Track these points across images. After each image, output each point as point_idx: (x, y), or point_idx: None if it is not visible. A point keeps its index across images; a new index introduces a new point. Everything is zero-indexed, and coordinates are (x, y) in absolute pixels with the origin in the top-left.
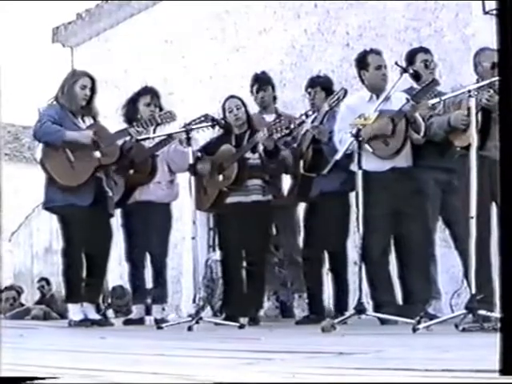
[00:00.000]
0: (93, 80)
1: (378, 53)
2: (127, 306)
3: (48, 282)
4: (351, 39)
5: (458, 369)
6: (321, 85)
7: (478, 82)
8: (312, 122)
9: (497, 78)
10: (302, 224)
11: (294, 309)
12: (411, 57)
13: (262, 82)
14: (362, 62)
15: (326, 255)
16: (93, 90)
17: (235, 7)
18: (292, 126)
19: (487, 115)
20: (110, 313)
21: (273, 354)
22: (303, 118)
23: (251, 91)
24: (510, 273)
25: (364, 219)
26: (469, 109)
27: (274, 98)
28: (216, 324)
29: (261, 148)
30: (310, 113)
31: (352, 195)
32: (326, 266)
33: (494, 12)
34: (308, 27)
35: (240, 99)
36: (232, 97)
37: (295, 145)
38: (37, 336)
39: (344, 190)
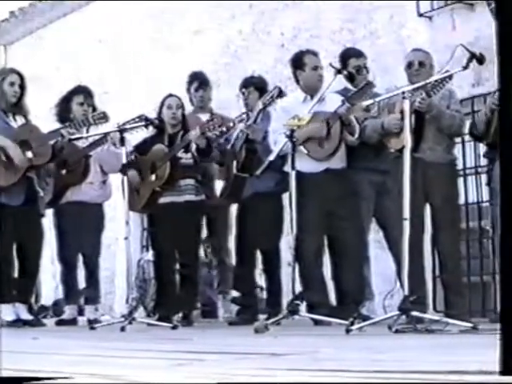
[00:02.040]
0: (21, 77)
1: (314, 53)
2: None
3: None
4: (286, 40)
5: (390, 370)
6: (254, 85)
7: (411, 83)
8: (246, 121)
9: (430, 80)
10: (234, 224)
11: (219, 309)
12: (345, 58)
13: (202, 80)
14: (298, 62)
15: (260, 256)
16: (22, 86)
17: (170, 7)
18: (224, 125)
19: (420, 117)
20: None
21: (205, 355)
22: (238, 120)
23: (188, 89)
24: (510, 273)
25: (298, 220)
26: (402, 111)
27: (210, 99)
28: (149, 325)
29: (193, 147)
30: (245, 116)
31: (286, 196)
32: (260, 266)
33: (428, 14)
34: (243, 28)
35: (180, 99)
36: (173, 95)
37: (229, 145)
38: None
39: (277, 190)
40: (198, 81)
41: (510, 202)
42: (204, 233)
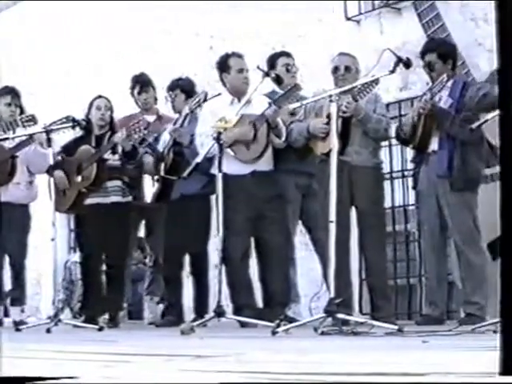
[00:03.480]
0: None
1: (239, 56)
2: None
3: None
4: (214, 42)
5: (314, 372)
6: (181, 87)
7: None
8: (174, 124)
9: (357, 84)
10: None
11: (144, 311)
12: (273, 60)
13: (143, 83)
14: (223, 65)
15: (187, 258)
16: None
17: (99, 7)
18: (151, 127)
19: (346, 121)
20: None
21: (131, 357)
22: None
23: (132, 93)
24: (510, 274)
25: (224, 222)
26: (328, 115)
27: (155, 99)
28: (75, 326)
29: (120, 149)
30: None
31: (213, 198)
32: (187, 268)
33: (356, 18)
34: (171, 29)
35: (109, 101)
36: (102, 96)
37: (158, 147)
38: None
39: (205, 192)
40: (139, 84)
41: (509, 203)
42: (142, 233)
